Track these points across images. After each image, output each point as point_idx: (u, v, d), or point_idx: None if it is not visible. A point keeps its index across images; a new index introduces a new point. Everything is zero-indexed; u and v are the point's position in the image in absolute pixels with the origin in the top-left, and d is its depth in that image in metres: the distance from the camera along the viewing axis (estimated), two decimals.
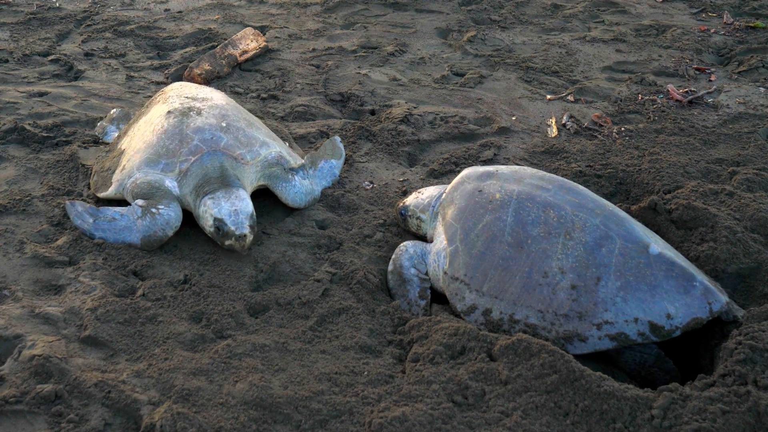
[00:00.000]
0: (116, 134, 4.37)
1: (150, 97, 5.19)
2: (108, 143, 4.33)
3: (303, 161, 4.01)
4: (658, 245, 2.93)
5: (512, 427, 2.37)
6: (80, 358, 2.70)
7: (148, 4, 7.32)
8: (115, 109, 4.68)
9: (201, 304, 3.11)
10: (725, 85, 5.59)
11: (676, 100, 5.29)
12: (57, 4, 7.12)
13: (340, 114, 5.14)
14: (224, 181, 3.53)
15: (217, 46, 5.92)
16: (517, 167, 3.41)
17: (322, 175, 4.02)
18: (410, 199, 3.61)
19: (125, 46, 6.18)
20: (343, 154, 4.25)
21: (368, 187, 4.11)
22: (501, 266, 3.01)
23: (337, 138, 4.31)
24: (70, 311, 2.95)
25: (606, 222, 2.97)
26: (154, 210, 3.43)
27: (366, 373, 2.70)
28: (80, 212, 3.53)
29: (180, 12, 7.11)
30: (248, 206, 3.43)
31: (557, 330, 2.85)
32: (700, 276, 2.90)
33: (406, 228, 3.65)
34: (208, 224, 3.42)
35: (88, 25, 6.62)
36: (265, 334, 2.93)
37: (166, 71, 5.66)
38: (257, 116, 4.97)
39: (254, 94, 5.33)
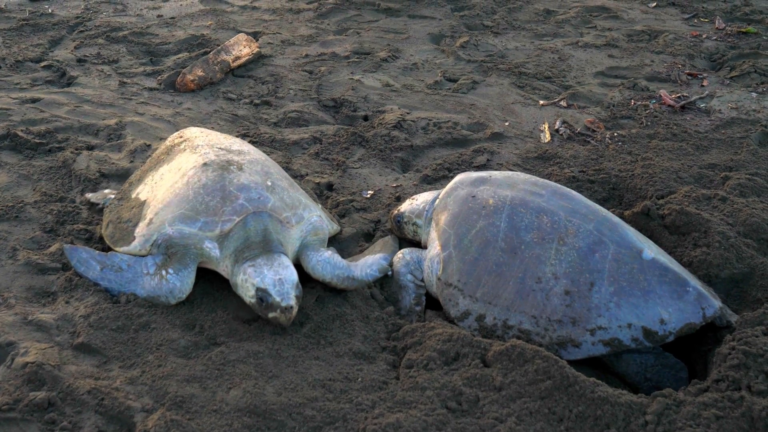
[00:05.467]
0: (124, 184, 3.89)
1: (144, 104, 5.19)
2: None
3: (337, 227, 3.72)
4: (651, 250, 2.94)
5: None
6: (73, 365, 2.69)
7: (141, 10, 7.32)
8: (108, 190, 4.03)
9: (194, 310, 3.10)
10: (717, 90, 5.61)
11: (669, 106, 5.31)
12: (49, 11, 7.11)
13: (333, 120, 5.14)
14: (266, 247, 3.19)
15: (209, 52, 5.91)
16: (510, 173, 3.41)
17: (366, 264, 3.41)
18: (405, 206, 3.60)
19: (118, 52, 6.17)
20: (396, 249, 3.60)
21: (367, 196, 4.10)
22: (494, 272, 3.01)
23: (394, 238, 3.72)
24: (63, 318, 2.94)
25: (599, 227, 2.98)
26: (164, 272, 3.15)
27: (360, 379, 2.69)
28: (86, 259, 3.27)
29: (173, 18, 7.11)
30: (293, 274, 3.08)
31: (551, 336, 2.85)
32: (694, 281, 2.91)
33: (401, 236, 3.64)
34: (248, 294, 3.07)
35: (81, 32, 6.61)
36: (258, 340, 2.92)
37: (158, 77, 5.65)
38: (250, 123, 4.97)
39: (247, 100, 5.33)
